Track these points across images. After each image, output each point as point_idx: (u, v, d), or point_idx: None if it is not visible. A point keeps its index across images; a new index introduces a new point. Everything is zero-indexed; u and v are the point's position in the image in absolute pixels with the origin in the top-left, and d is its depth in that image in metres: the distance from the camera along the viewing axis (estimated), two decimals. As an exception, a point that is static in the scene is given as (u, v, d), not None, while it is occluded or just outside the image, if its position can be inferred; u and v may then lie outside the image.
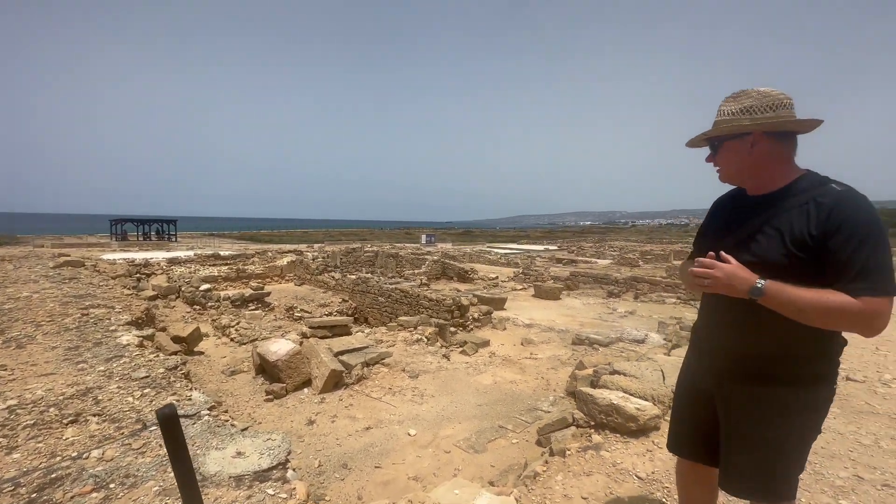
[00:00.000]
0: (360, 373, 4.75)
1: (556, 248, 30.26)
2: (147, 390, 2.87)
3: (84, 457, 2.07)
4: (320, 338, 5.97)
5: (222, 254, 16.55)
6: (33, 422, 2.39)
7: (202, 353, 6.16)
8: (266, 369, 4.86)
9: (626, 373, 3.50)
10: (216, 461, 2.10)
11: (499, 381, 4.95)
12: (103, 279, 8.10)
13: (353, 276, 11.53)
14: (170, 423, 1.40)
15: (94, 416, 2.50)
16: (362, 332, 6.98)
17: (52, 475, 1.93)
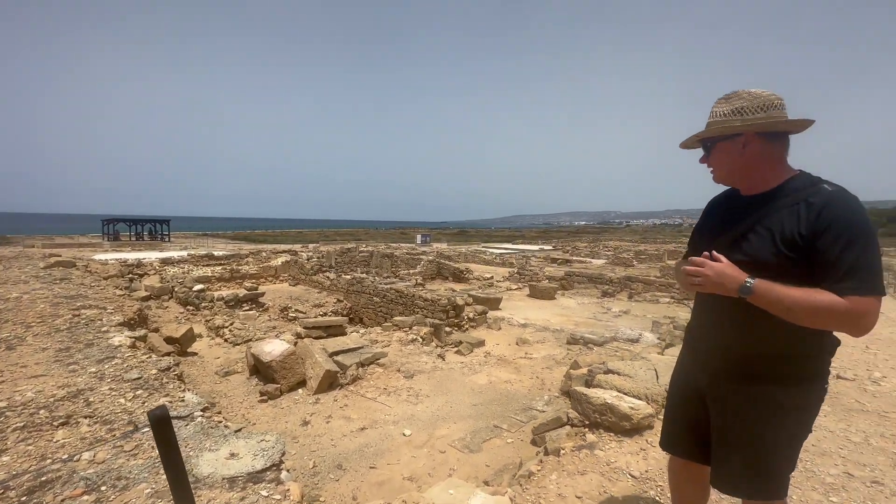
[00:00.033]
0: (355, 373, 4.74)
1: (551, 247, 30.35)
2: (139, 392, 2.84)
3: (75, 459, 2.05)
4: (315, 338, 5.95)
5: (216, 254, 16.45)
6: (23, 424, 2.36)
7: (195, 354, 6.11)
8: (260, 370, 4.83)
9: (621, 372, 3.52)
10: (209, 463, 2.09)
11: (494, 380, 4.96)
12: (95, 280, 8.02)
13: (348, 277, 11.49)
14: (161, 424, 1.38)
15: (86, 418, 2.47)
16: (357, 332, 6.96)
17: (43, 478, 1.91)
